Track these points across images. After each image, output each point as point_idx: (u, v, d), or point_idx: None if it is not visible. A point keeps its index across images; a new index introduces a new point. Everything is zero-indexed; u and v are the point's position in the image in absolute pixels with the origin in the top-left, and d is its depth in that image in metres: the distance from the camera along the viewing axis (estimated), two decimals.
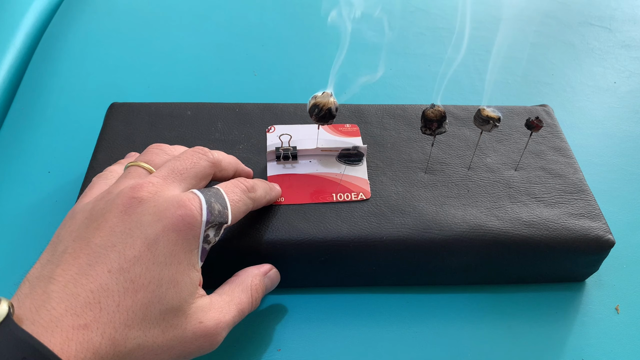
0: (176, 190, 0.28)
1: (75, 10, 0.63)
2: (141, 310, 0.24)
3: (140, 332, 0.24)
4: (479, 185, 0.38)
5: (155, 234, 0.25)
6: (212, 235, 0.27)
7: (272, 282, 0.33)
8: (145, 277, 0.24)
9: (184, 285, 0.26)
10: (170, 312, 0.25)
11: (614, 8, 0.70)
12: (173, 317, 0.25)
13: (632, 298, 0.38)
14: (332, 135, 0.41)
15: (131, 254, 0.24)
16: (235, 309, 0.29)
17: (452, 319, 0.37)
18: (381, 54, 0.56)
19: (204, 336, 0.26)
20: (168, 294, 0.25)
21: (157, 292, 0.24)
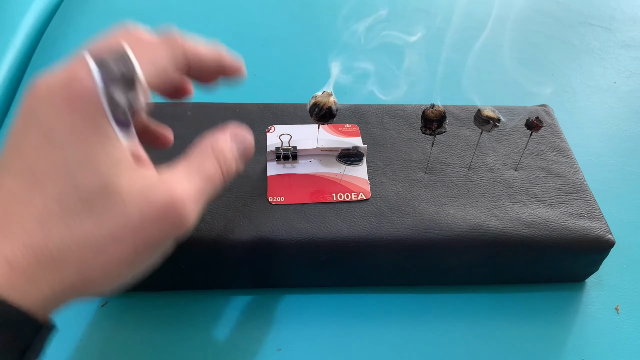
0: None
1: (75, 10, 0.63)
2: (55, 204, 0.21)
3: (63, 227, 0.21)
4: (479, 185, 0.38)
5: (49, 119, 0.21)
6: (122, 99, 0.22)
7: (244, 144, 0.27)
8: (50, 167, 0.21)
9: (102, 163, 0.21)
10: (96, 197, 0.21)
11: (614, 8, 0.70)
12: (103, 203, 0.21)
13: (632, 298, 0.38)
14: (332, 135, 0.41)
15: (29, 147, 0.21)
16: (197, 176, 0.24)
17: (452, 319, 0.37)
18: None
19: (160, 214, 0.22)
20: (83, 178, 0.21)
21: (67, 179, 0.21)
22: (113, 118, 0.22)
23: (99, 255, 0.21)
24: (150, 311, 0.36)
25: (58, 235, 0.21)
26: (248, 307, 0.36)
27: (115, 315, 0.36)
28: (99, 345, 0.34)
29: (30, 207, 0.21)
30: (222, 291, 0.37)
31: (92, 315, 0.35)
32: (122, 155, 0.22)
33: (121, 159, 0.22)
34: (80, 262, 0.21)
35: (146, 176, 0.23)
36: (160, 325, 0.35)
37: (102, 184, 0.21)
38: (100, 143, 0.21)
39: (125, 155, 0.22)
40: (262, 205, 0.36)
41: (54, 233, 0.21)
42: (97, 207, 0.21)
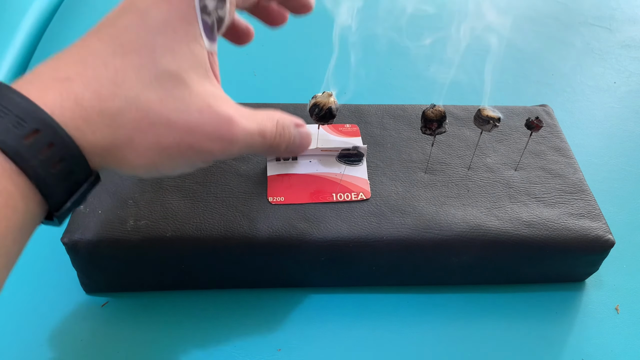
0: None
1: (75, 10, 0.63)
2: (132, 71, 0.23)
3: (132, 92, 0.22)
4: (479, 185, 0.38)
5: (146, 5, 0.24)
6: (211, 5, 0.25)
7: (302, 138, 0.30)
8: (137, 42, 0.23)
9: (183, 54, 0.24)
10: (168, 79, 0.23)
11: (614, 8, 0.70)
12: (173, 87, 0.23)
13: (632, 298, 0.38)
14: (332, 135, 0.41)
15: (122, 24, 0.23)
16: (256, 124, 0.26)
17: (452, 319, 0.37)
18: None
19: (213, 124, 0.24)
20: (163, 59, 0.23)
21: (150, 56, 0.23)
22: (202, 21, 0.24)
23: (151, 129, 0.23)
24: (150, 311, 0.36)
25: (125, 95, 0.22)
26: (248, 307, 0.36)
27: (115, 315, 0.36)
28: (99, 345, 0.34)
29: (110, 67, 0.22)
30: (222, 291, 0.37)
31: (92, 315, 0.36)
32: (202, 57, 0.25)
33: (200, 60, 0.24)
34: (134, 127, 0.23)
35: (215, 88, 0.25)
36: (160, 325, 0.35)
37: (177, 72, 0.23)
38: (186, 38, 0.24)
39: (204, 59, 0.25)
40: (262, 205, 0.36)
41: (122, 92, 0.22)
42: (166, 88, 0.23)
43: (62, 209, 0.22)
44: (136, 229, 0.33)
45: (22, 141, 0.20)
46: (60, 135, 0.21)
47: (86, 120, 0.22)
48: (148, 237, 0.33)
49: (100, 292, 0.37)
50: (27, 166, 0.20)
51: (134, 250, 0.33)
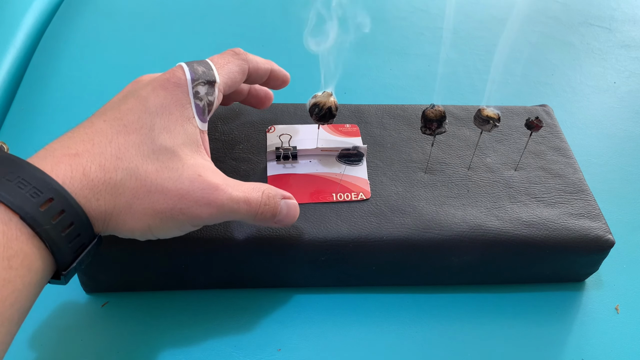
0: None
1: (75, 10, 0.63)
2: (133, 147, 0.26)
3: (132, 164, 0.26)
4: (479, 185, 0.38)
5: (146, 93, 0.28)
6: (202, 92, 0.29)
7: (289, 210, 0.31)
8: (138, 123, 0.27)
9: (177, 132, 0.28)
10: (164, 152, 0.27)
11: (614, 8, 0.70)
12: (168, 160, 0.27)
13: (632, 298, 0.38)
14: (332, 135, 0.41)
15: (125, 107, 0.28)
16: (242, 193, 0.29)
17: (452, 319, 0.37)
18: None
19: (202, 190, 0.27)
20: (160, 137, 0.27)
21: (149, 135, 0.27)
22: (194, 105, 0.29)
23: (147, 196, 0.26)
24: (150, 311, 0.36)
25: (126, 167, 0.26)
26: (248, 307, 0.36)
27: (115, 315, 0.36)
28: (99, 345, 0.34)
29: (114, 143, 0.26)
30: (222, 291, 0.37)
31: (92, 315, 0.36)
32: (194, 135, 0.28)
33: (192, 137, 0.28)
34: (133, 194, 0.26)
35: (206, 162, 0.28)
36: (160, 325, 0.35)
37: (172, 147, 0.27)
38: (181, 119, 0.28)
39: (197, 136, 0.29)
40: None
41: (124, 164, 0.26)
42: (162, 160, 0.27)
43: (69, 269, 0.25)
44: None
45: (38, 209, 0.23)
46: (70, 203, 0.24)
47: (92, 189, 0.25)
48: None
49: (100, 292, 0.37)
50: (42, 230, 0.23)
51: (134, 250, 0.33)
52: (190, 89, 0.29)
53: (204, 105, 0.29)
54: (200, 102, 0.29)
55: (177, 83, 0.29)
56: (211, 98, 0.30)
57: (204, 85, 0.29)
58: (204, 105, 0.29)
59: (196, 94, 0.29)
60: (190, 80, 0.29)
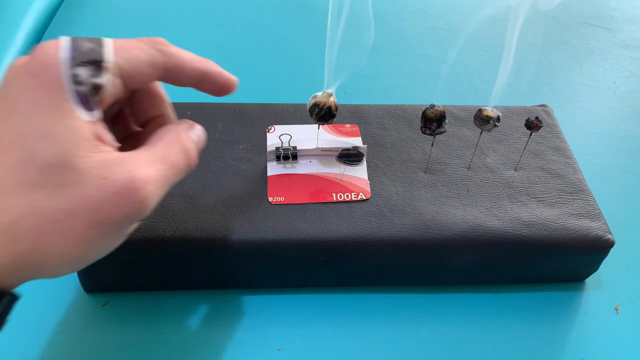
0: None
1: (75, 10, 0.63)
2: (14, 173, 0.21)
3: (21, 198, 0.21)
4: (479, 185, 0.38)
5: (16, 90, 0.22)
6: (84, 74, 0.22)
7: (199, 137, 0.28)
8: (10, 136, 0.21)
9: (61, 136, 0.21)
10: (53, 169, 0.21)
11: (614, 8, 0.70)
12: (60, 176, 0.21)
13: (632, 298, 0.38)
14: (332, 135, 0.41)
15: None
16: (160, 162, 0.24)
17: (452, 319, 0.37)
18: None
19: (117, 193, 0.22)
20: (41, 149, 0.21)
21: (25, 149, 0.21)
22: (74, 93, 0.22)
23: (55, 227, 0.21)
24: (150, 311, 0.36)
25: (15, 204, 0.21)
26: (248, 307, 0.36)
27: (115, 315, 0.36)
28: (99, 345, 0.34)
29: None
30: (222, 291, 0.37)
31: (92, 315, 0.36)
32: (82, 130, 0.22)
33: (81, 134, 0.22)
34: (36, 233, 0.21)
35: (107, 155, 0.23)
36: (160, 325, 0.35)
37: (59, 156, 0.21)
38: (59, 115, 0.22)
39: (86, 131, 0.22)
40: (262, 205, 0.36)
41: (12, 202, 0.21)
42: (53, 179, 0.21)
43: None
44: (136, 229, 0.33)
45: None
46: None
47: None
48: (148, 237, 0.33)
49: (100, 292, 0.37)
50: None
51: (134, 250, 0.33)
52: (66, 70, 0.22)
53: (87, 91, 0.22)
54: (81, 86, 0.22)
55: (47, 64, 0.22)
56: (98, 81, 0.23)
57: (87, 66, 0.22)
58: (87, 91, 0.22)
59: (74, 77, 0.22)
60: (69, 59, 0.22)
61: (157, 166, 0.24)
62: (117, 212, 0.22)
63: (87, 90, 0.23)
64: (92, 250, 0.23)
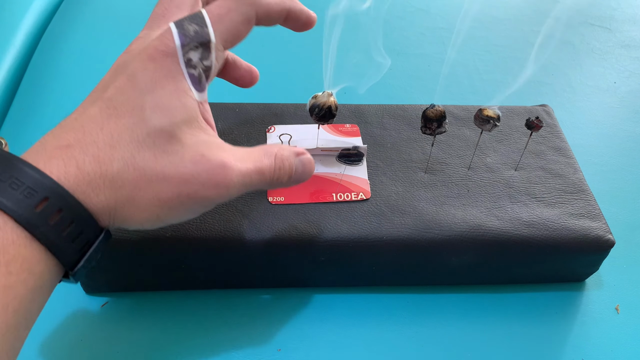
0: None
1: (75, 10, 0.63)
2: (126, 132, 0.24)
3: (128, 153, 0.24)
4: (479, 185, 0.38)
5: (134, 67, 0.25)
6: (196, 58, 0.25)
7: (304, 166, 0.29)
8: (129, 104, 0.24)
9: (173, 109, 0.25)
10: (161, 135, 0.24)
11: (614, 8, 0.70)
12: (165, 143, 0.24)
13: (632, 298, 0.38)
14: (332, 135, 0.41)
15: (114, 87, 0.25)
16: (252, 164, 0.27)
17: (452, 319, 0.37)
18: None
19: (208, 172, 0.25)
20: (154, 117, 0.24)
21: (142, 116, 0.24)
22: (187, 74, 0.25)
23: (148, 186, 0.24)
24: (150, 311, 0.36)
25: (122, 156, 0.24)
26: (248, 307, 0.36)
27: (115, 315, 0.36)
28: (99, 345, 0.34)
29: (105, 130, 0.24)
30: (222, 291, 0.37)
31: (92, 315, 0.36)
32: (192, 109, 0.25)
33: (190, 112, 0.25)
34: (132, 186, 0.24)
35: (210, 137, 0.26)
36: (160, 324, 0.35)
37: (169, 127, 0.24)
38: (176, 93, 0.25)
39: (195, 110, 0.26)
40: (262, 205, 0.36)
41: (119, 154, 0.24)
42: (159, 144, 0.24)
43: (77, 268, 0.24)
44: (136, 229, 0.33)
45: (33, 210, 0.22)
46: (67, 200, 0.22)
47: (89, 184, 0.23)
48: (148, 237, 0.33)
49: (100, 292, 0.37)
50: (39, 232, 0.22)
51: (134, 250, 0.33)
52: (181, 57, 0.25)
53: (199, 74, 0.26)
54: (195, 70, 0.26)
55: (166, 52, 0.25)
56: (207, 63, 0.26)
57: (196, 50, 0.25)
58: (200, 73, 0.26)
59: (188, 62, 0.25)
60: (180, 47, 0.25)
61: (248, 164, 0.26)
62: (202, 190, 0.25)
63: (199, 73, 0.26)
64: (170, 215, 0.25)
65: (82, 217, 0.23)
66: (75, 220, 0.23)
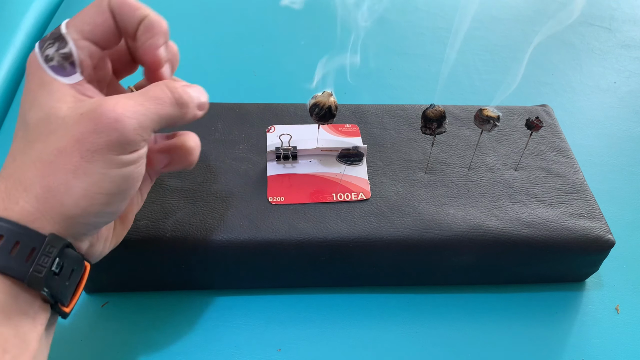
0: None
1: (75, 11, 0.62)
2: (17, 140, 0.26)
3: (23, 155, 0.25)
4: (479, 185, 0.38)
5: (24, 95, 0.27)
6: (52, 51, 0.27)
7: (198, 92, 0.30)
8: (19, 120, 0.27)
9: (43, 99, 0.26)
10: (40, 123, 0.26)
11: (614, 8, 0.70)
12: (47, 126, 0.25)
13: (632, 298, 0.38)
14: (332, 135, 0.41)
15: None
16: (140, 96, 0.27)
17: (452, 319, 0.37)
18: None
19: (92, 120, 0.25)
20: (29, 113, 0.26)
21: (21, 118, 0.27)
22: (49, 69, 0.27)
23: (52, 167, 0.25)
24: (150, 311, 0.36)
25: (21, 161, 0.25)
26: (248, 307, 0.36)
27: (115, 315, 0.36)
28: (99, 345, 0.34)
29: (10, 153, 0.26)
30: (222, 291, 0.37)
31: (92, 315, 0.35)
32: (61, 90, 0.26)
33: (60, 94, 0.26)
34: (40, 178, 0.24)
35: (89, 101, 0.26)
36: (160, 324, 0.35)
37: (44, 115, 0.26)
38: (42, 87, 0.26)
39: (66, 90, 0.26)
40: (262, 205, 0.36)
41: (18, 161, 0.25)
42: (42, 131, 0.25)
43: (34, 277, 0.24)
44: (136, 229, 0.33)
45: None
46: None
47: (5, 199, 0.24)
48: (148, 237, 0.33)
49: (100, 292, 0.37)
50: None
51: (134, 250, 0.33)
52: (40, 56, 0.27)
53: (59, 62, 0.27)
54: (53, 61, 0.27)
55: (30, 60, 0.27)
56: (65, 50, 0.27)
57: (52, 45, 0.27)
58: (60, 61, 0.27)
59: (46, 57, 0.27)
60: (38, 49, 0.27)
61: (136, 98, 0.26)
62: (99, 139, 0.25)
63: (58, 61, 0.27)
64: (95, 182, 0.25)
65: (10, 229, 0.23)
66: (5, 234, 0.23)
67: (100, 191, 0.25)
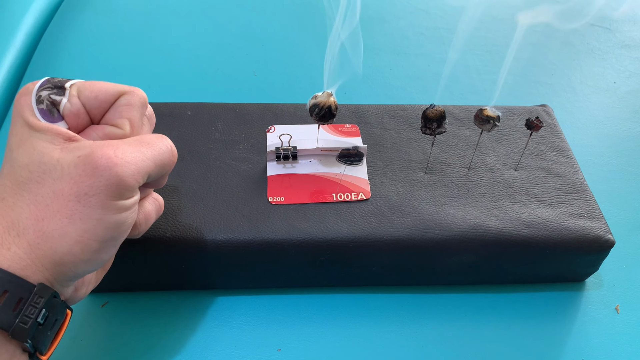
0: None
1: (75, 10, 0.63)
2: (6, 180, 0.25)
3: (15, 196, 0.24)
4: (479, 185, 0.38)
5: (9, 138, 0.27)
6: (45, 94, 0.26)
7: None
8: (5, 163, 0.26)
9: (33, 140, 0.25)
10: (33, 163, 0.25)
11: (614, 8, 0.70)
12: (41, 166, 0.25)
13: (632, 298, 0.38)
14: (332, 135, 0.41)
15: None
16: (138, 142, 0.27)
17: (452, 319, 0.37)
18: None
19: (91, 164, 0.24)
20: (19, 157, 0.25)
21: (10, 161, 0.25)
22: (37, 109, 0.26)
23: (47, 210, 0.24)
24: (150, 311, 0.36)
25: (13, 202, 0.24)
26: (248, 307, 0.36)
27: (115, 315, 0.36)
28: (99, 345, 0.34)
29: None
30: (222, 291, 0.37)
31: (92, 315, 0.36)
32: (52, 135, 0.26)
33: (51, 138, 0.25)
34: (34, 220, 0.24)
35: (81, 142, 0.26)
36: (160, 325, 0.35)
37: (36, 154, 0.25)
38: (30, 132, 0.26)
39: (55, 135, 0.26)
40: (262, 205, 0.36)
41: (9, 202, 0.24)
42: (35, 171, 0.25)
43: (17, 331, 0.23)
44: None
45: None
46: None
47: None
48: (148, 237, 0.33)
49: (100, 292, 0.37)
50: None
51: (134, 250, 0.33)
52: (34, 94, 0.26)
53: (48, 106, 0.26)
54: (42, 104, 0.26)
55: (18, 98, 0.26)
56: (57, 97, 0.27)
57: (51, 89, 0.27)
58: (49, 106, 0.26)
59: (39, 98, 0.26)
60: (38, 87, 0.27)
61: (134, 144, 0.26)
62: (97, 182, 0.24)
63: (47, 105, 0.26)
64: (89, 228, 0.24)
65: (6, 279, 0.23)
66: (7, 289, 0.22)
67: (94, 238, 0.24)
